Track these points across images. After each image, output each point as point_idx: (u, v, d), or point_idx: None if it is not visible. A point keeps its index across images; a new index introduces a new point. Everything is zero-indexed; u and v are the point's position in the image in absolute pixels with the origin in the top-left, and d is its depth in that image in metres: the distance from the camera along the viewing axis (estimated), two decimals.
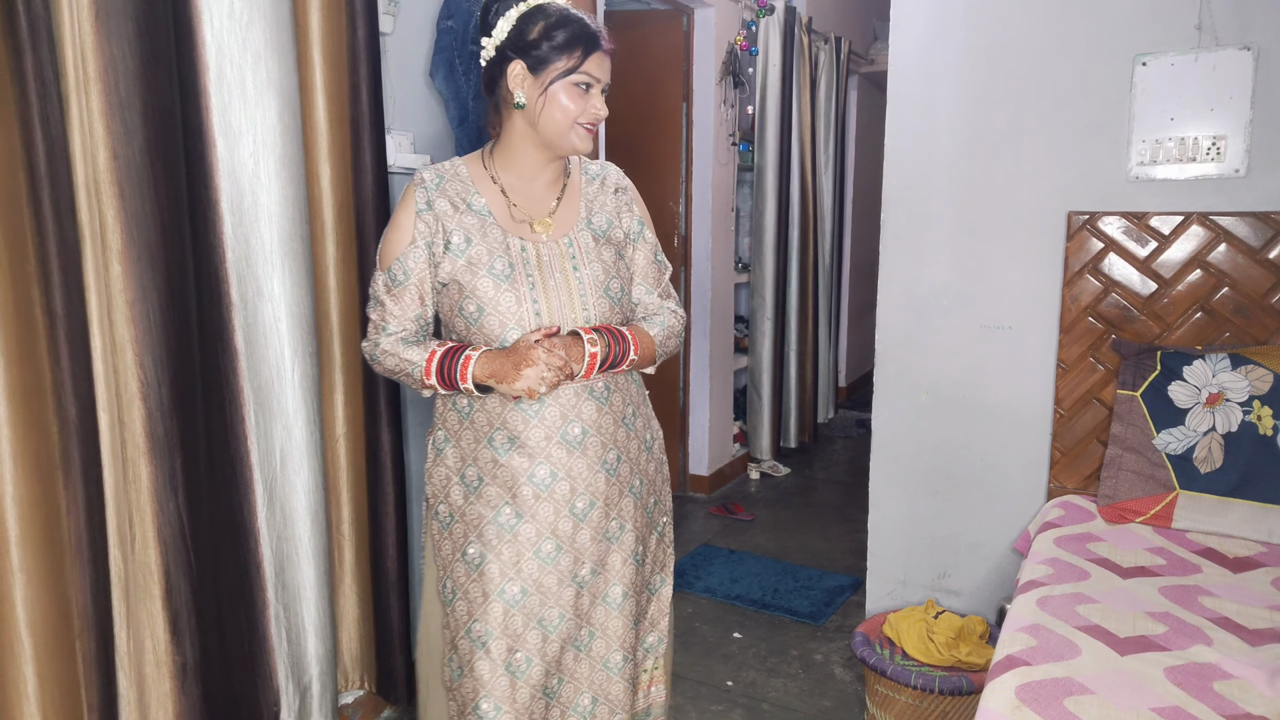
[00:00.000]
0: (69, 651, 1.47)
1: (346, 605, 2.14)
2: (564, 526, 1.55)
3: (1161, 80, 2.15)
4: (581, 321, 1.54)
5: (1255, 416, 1.99)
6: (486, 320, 1.51)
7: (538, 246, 1.55)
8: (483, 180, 1.58)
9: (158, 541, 1.63)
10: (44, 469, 1.42)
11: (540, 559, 1.55)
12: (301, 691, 1.96)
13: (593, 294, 1.55)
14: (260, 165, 1.75)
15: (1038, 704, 1.34)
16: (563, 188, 1.62)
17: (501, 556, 1.54)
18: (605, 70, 1.53)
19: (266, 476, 1.83)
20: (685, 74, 4.05)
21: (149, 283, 1.58)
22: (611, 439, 1.58)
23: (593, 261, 1.57)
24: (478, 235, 1.53)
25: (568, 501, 1.55)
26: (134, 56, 1.52)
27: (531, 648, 1.55)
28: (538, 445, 1.53)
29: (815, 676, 2.64)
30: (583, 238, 1.58)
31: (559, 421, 1.53)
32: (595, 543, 1.58)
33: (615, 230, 1.63)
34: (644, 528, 1.68)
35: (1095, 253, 2.24)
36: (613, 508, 1.59)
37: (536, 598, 1.55)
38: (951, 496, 2.52)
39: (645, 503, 1.68)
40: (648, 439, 1.70)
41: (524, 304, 1.51)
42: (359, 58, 1.96)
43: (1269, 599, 1.67)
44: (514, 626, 1.55)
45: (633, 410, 1.65)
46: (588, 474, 1.55)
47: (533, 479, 1.53)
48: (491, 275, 1.51)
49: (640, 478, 1.65)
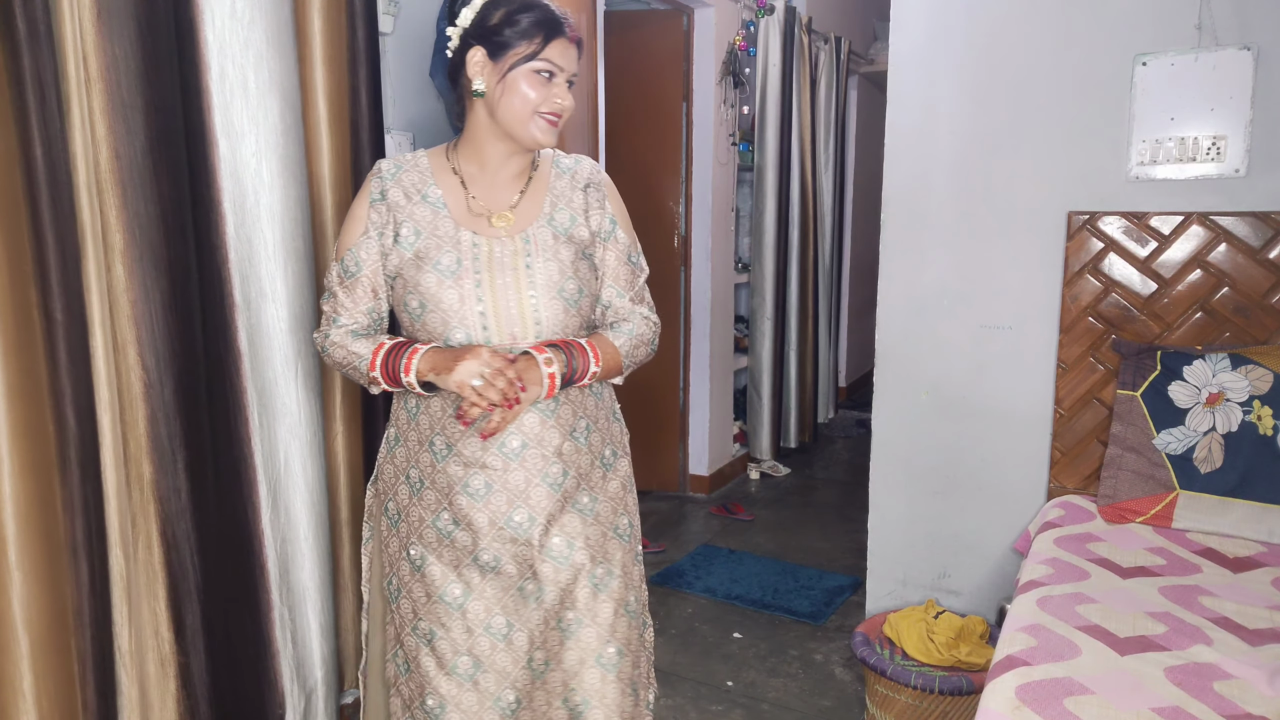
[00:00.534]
0: (65, 649, 1.47)
1: (347, 606, 2.14)
2: (500, 538, 1.49)
3: (1161, 80, 2.16)
4: (530, 323, 1.47)
5: (1255, 416, 1.99)
6: (429, 317, 1.46)
7: (491, 242, 1.48)
8: (442, 172, 1.54)
9: (161, 541, 1.64)
10: (41, 468, 1.42)
11: (479, 566, 1.50)
12: (307, 694, 1.96)
13: (544, 294, 1.47)
14: (263, 165, 1.75)
15: (1038, 704, 1.34)
16: (528, 181, 1.55)
17: (442, 559, 1.51)
18: (569, 59, 1.47)
19: (270, 477, 1.84)
20: (685, 74, 4.05)
21: (151, 283, 1.58)
22: (555, 453, 1.50)
23: (548, 260, 1.49)
24: (427, 228, 1.49)
25: (504, 514, 1.48)
26: (136, 56, 1.52)
27: (480, 654, 1.50)
28: (473, 455, 1.48)
29: (815, 676, 2.64)
30: (541, 234, 1.50)
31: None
32: (540, 561, 1.50)
33: (579, 228, 1.54)
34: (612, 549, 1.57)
35: (1095, 253, 2.24)
36: (554, 524, 1.51)
37: (480, 603, 1.50)
38: (951, 496, 2.52)
39: (610, 521, 1.58)
40: (607, 455, 1.59)
41: (468, 302, 1.45)
42: (359, 58, 1.96)
43: (1269, 599, 1.68)
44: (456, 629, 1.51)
45: (586, 424, 1.55)
46: (525, 487, 1.48)
47: (467, 488, 1.49)
48: (436, 270, 1.46)
49: (592, 495, 1.55)
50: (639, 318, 1.59)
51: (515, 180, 1.55)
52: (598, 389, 1.60)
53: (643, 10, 4.03)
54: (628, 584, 1.58)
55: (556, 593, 1.51)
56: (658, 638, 2.86)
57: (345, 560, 2.12)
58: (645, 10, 4.02)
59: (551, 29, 1.45)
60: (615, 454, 1.62)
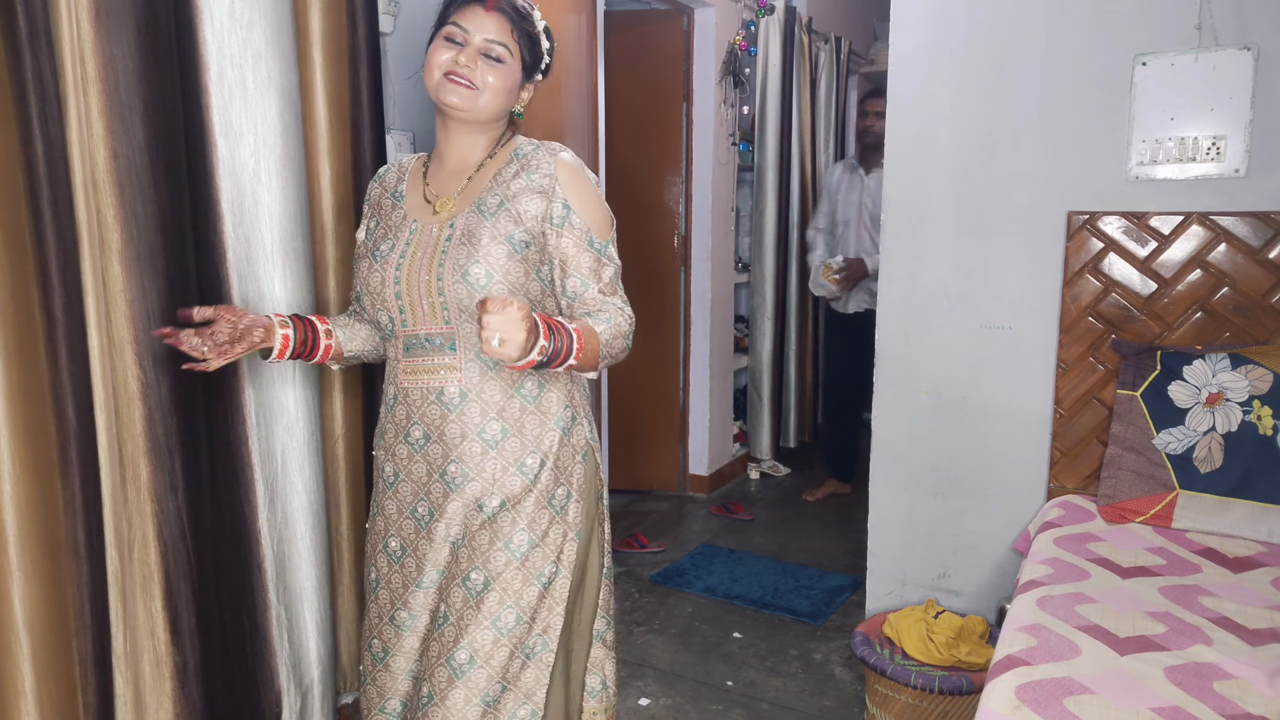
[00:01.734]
0: (66, 650, 1.47)
1: (346, 606, 2.14)
2: (407, 527, 1.55)
3: (1161, 80, 2.15)
4: (439, 309, 1.44)
5: (1255, 416, 1.99)
6: (364, 301, 1.54)
7: (423, 228, 1.50)
8: (417, 167, 1.60)
9: (158, 541, 1.63)
10: (42, 469, 1.42)
11: (389, 555, 1.58)
12: (303, 693, 1.96)
13: (450, 276, 1.42)
14: (261, 165, 1.75)
15: (1038, 704, 1.34)
16: (478, 169, 1.53)
17: (370, 542, 1.63)
18: (483, 26, 1.45)
19: (267, 476, 1.84)
20: (685, 74, 4.05)
21: (149, 282, 1.58)
22: (457, 451, 1.47)
23: (461, 244, 1.44)
24: (385, 219, 1.57)
25: (409, 504, 1.55)
26: (134, 56, 1.52)
27: (387, 639, 1.56)
28: (388, 443, 1.57)
29: (815, 676, 2.64)
30: (469, 219, 1.46)
31: (404, 421, 1.53)
32: (437, 550, 1.50)
33: (504, 212, 1.45)
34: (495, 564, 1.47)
35: (1095, 253, 2.24)
36: (453, 525, 1.49)
37: (386, 593, 1.58)
38: (951, 496, 2.52)
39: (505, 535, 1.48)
40: (528, 464, 1.49)
41: (387, 285, 1.49)
42: (360, 58, 1.96)
43: (1269, 599, 1.67)
44: (371, 615, 1.60)
45: (501, 428, 1.47)
46: (426, 480, 1.52)
47: (382, 474, 1.59)
48: (372, 256, 1.52)
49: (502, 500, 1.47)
50: (614, 309, 1.47)
51: (467, 168, 1.54)
52: (533, 392, 1.51)
53: (643, 10, 4.03)
54: (503, 600, 1.47)
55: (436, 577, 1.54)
56: (658, 637, 2.86)
57: (343, 560, 2.12)
58: (645, 10, 4.02)
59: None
60: (541, 463, 1.50)
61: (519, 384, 1.50)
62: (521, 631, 1.48)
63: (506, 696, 1.48)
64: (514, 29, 1.48)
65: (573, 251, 1.47)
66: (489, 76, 1.46)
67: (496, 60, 1.47)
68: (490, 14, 1.46)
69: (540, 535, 1.50)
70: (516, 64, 1.50)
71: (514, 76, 1.50)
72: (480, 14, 1.45)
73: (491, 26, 1.46)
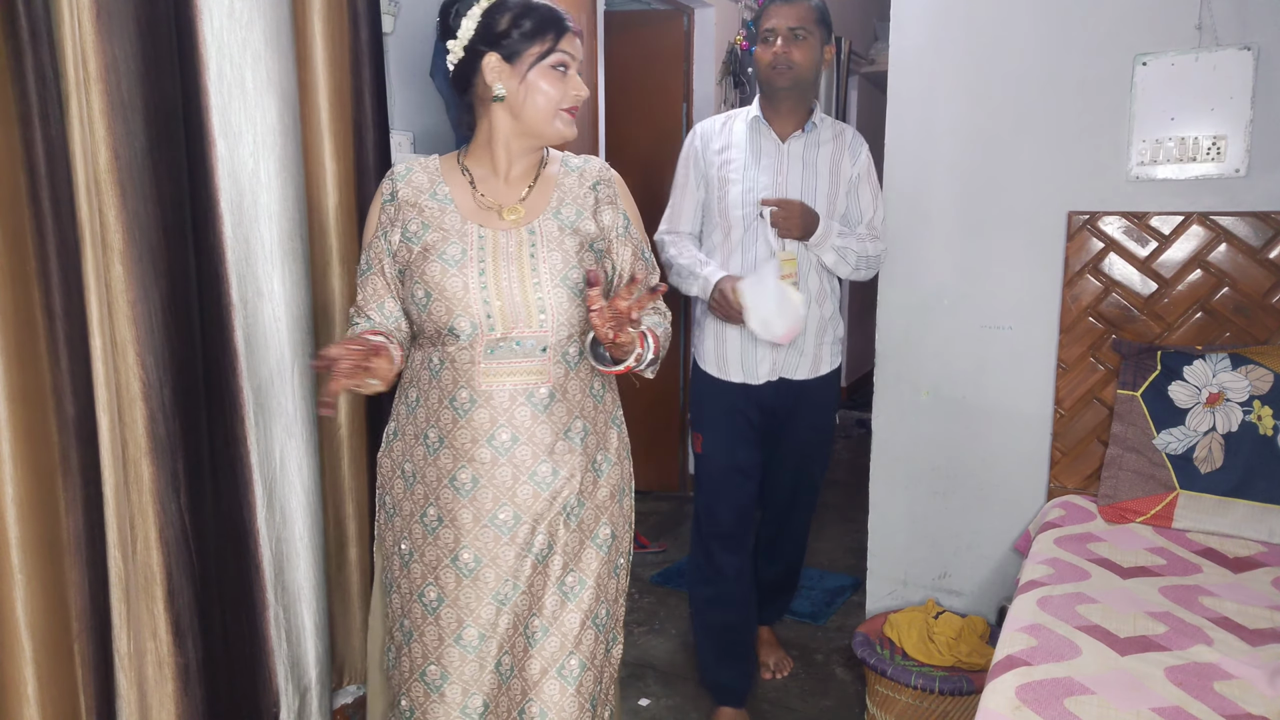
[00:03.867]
0: (68, 653, 1.47)
1: (346, 605, 2.14)
2: (484, 536, 1.47)
3: (1162, 80, 2.15)
4: (535, 312, 1.47)
5: (1255, 416, 1.99)
6: (434, 306, 1.46)
7: (497, 234, 1.50)
8: (452, 172, 1.56)
9: (160, 543, 1.64)
10: (44, 470, 1.42)
11: (458, 569, 1.47)
12: (301, 693, 1.96)
13: (549, 282, 1.48)
14: (260, 165, 1.75)
15: (1038, 704, 1.34)
16: (535, 178, 1.57)
17: (425, 558, 1.50)
18: (578, 49, 1.50)
19: (266, 477, 1.84)
20: (685, 74, 4.05)
21: (150, 283, 1.58)
22: (547, 451, 1.48)
23: (552, 249, 1.50)
24: (435, 221, 1.51)
25: (489, 511, 1.47)
26: (135, 57, 1.52)
27: (449, 664, 1.47)
28: (462, 447, 1.47)
29: (815, 676, 2.64)
30: (546, 226, 1.52)
31: (487, 424, 1.46)
32: (519, 559, 1.48)
33: (585, 222, 1.55)
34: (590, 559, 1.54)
35: (1095, 253, 2.24)
36: (541, 523, 1.49)
37: (452, 612, 1.47)
38: (951, 496, 2.52)
39: (590, 529, 1.55)
40: (598, 461, 1.56)
41: (471, 290, 1.45)
42: (362, 60, 1.96)
43: (1269, 599, 1.67)
44: (427, 639, 1.49)
45: (582, 426, 1.53)
46: (511, 484, 1.47)
47: (454, 482, 1.48)
48: (441, 260, 1.47)
49: (580, 498, 1.52)
50: (659, 314, 1.62)
51: (523, 179, 1.57)
52: (598, 391, 1.58)
53: (643, 10, 4.03)
54: (599, 596, 1.55)
55: (529, 598, 1.49)
56: (658, 638, 2.86)
57: (342, 560, 2.12)
58: (645, 10, 4.02)
59: (559, 24, 1.48)
60: (609, 461, 1.59)
61: (589, 383, 1.56)
62: (610, 625, 1.58)
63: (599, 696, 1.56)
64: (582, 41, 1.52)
65: (630, 260, 1.60)
66: (584, 95, 1.51)
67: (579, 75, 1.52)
68: (576, 37, 1.50)
69: (614, 530, 1.58)
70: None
71: None
72: (573, 38, 1.49)
73: (580, 46, 1.50)
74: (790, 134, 2.28)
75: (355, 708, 2.25)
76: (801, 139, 2.28)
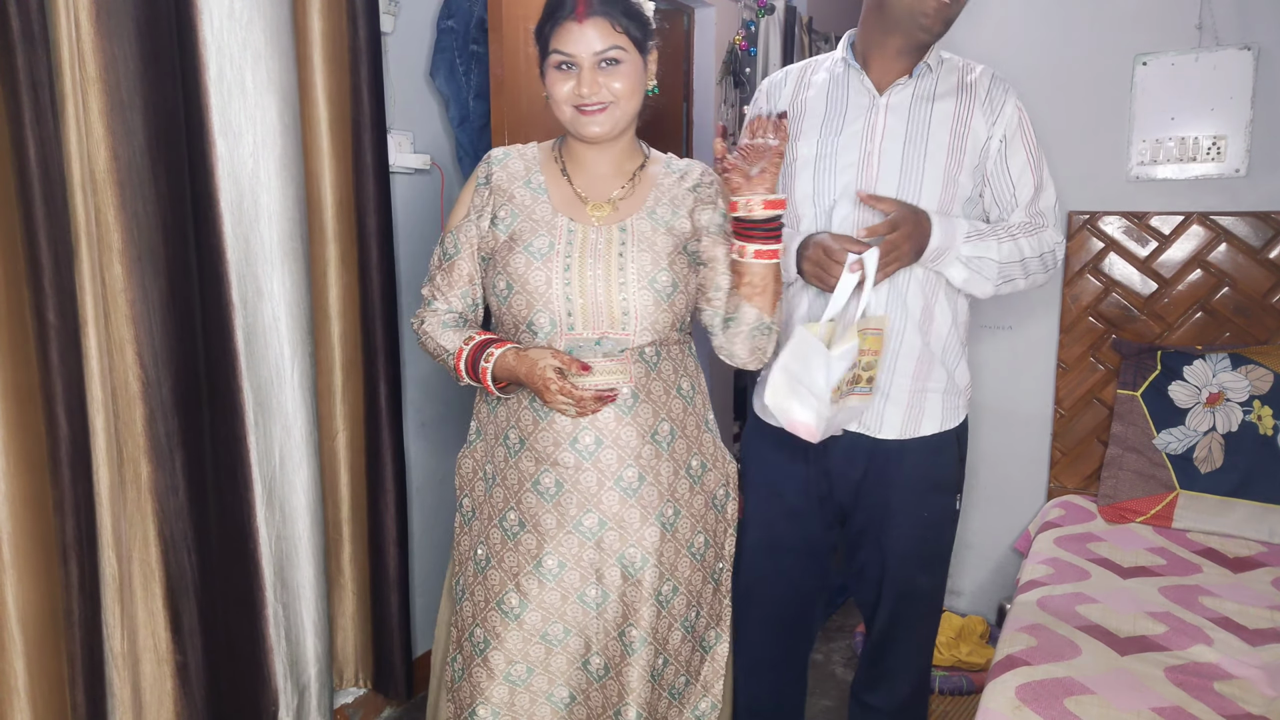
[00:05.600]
0: (59, 649, 1.47)
1: (345, 604, 2.14)
2: (568, 543, 1.41)
3: (1162, 80, 2.15)
4: (619, 313, 1.41)
5: (1255, 416, 1.99)
6: (514, 299, 1.41)
7: (587, 229, 1.43)
8: (548, 162, 1.50)
9: (159, 540, 1.64)
10: (34, 467, 1.42)
11: (540, 575, 1.42)
12: (300, 691, 1.96)
13: (635, 283, 1.41)
14: (260, 165, 1.75)
15: (1038, 704, 1.34)
16: (632, 178, 1.50)
17: (504, 564, 1.44)
18: (581, 42, 1.35)
19: (265, 476, 1.84)
20: (685, 74, 4.05)
21: (150, 283, 1.58)
22: (633, 455, 1.42)
23: (642, 250, 1.43)
24: (525, 211, 1.44)
25: (573, 517, 1.41)
26: (134, 56, 1.52)
27: (534, 660, 1.44)
28: (545, 450, 1.41)
29: (815, 676, 2.64)
30: (639, 225, 1.45)
31: (570, 427, 1.40)
32: (607, 568, 1.42)
33: (681, 221, 1.48)
34: (684, 569, 1.48)
35: (1096, 253, 2.24)
36: (631, 534, 1.42)
37: (538, 614, 1.42)
38: None
39: (686, 540, 1.48)
40: (694, 466, 1.49)
41: (554, 285, 1.39)
42: (360, 59, 1.96)
43: (1269, 599, 1.67)
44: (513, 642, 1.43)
45: (670, 428, 1.46)
46: (597, 489, 1.41)
47: (537, 486, 1.42)
48: (527, 252, 1.41)
49: (676, 508, 1.46)
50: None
51: (619, 175, 1.50)
52: (689, 392, 1.53)
53: None
54: (690, 602, 1.50)
55: (620, 606, 1.44)
56: None
57: (342, 559, 2.12)
58: None
59: (553, 17, 1.38)
60: (704, 465, 1.52)
61: (675, 384, 1.50)
62: (702, 627, 1.54)
63: (690, 690, 1.53)
64: (614, 23, 1.37)
65: (723, 260, 1.50)
66: (615, 84, 1.39)
67: (614, 63, 1.38)
68: (585, 24, 1.36)
69: (711, 535, 1.52)
70: (633, 50, 1.40)
71: (637, 64, 1.41)
72: (576, 30, 1.36)
73: (594, 37, 1.36)
74: (891, 83, 1.59)
75: (355, 707, 2.25)
76: (907, 88, 1.59)
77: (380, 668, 2.21)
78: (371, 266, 2.04)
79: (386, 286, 2.06)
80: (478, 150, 2.44)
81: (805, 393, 1.45)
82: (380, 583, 2.17)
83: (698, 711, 1.54)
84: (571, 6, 1.35)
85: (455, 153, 2.47)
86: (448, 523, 2.55)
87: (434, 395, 2.47)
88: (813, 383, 1.44)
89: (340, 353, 2.05)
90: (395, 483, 2.13)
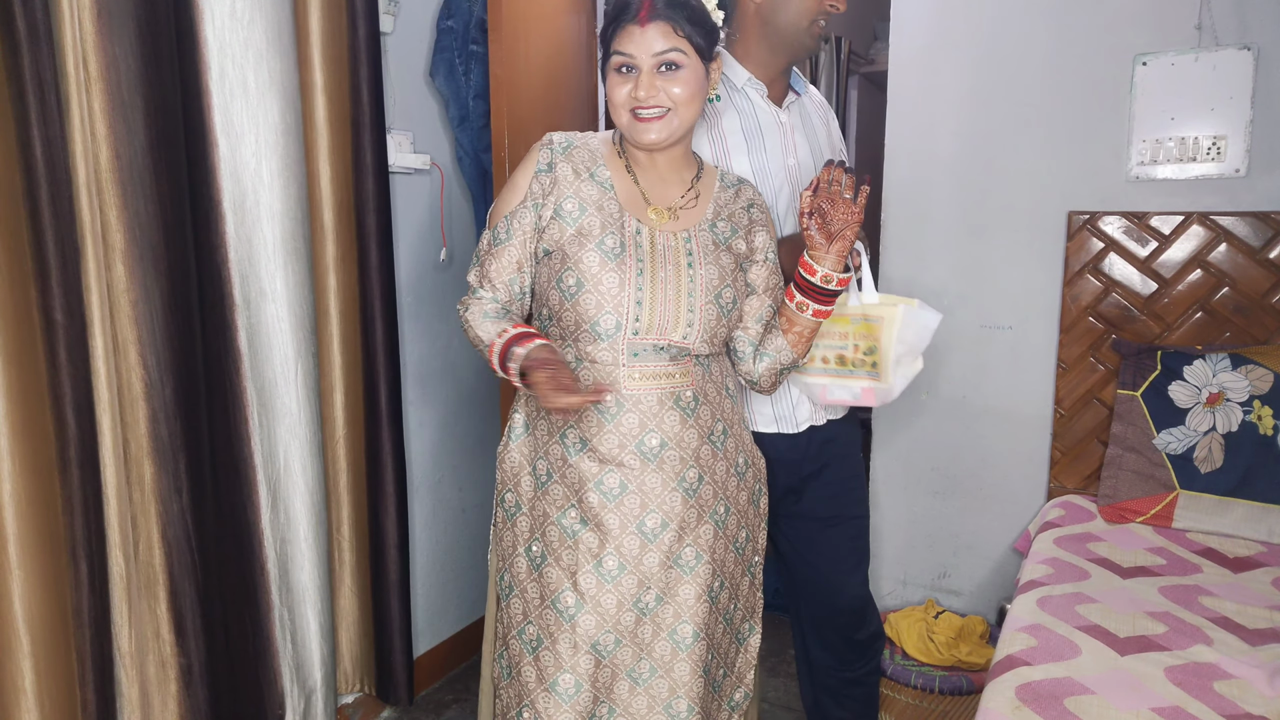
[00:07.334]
0: (66, 649, 1.48)
1: (346, 606, 2.14)
2: (630, 544, 1.41)
3: (1161, 80, 2.15)
4: (684, 324, 1.41)
5: (1255, 416, 1.99)
6: (584, 298, 1.38)
7: (654, 233, 1.42)
8: (612, 156, 1.48)
9: (162, 542, 1.64)
10: (42, 468, 1.42)
11: (600, 574, 1.41)
12: (306, 695, 1.96)
13: (702, 296, 1.42)
14: (262, 165, 1.75)
15: (1038, 704, 1.34)
16: (690, 187, 1.50)
17: (561, 562, 1.43)
18: (642, 44, 1.35)
19: (270, 477, 1.84)
20: None
21: (152, 283, 1.58)
22: (694, 456, 1.44)
23: (709, 263, 1.44)
24: (593, 206, 1.41)
25: (636, 517, 1.41)
26: (136, 56, 1.52)
27: (582, 672, 1.42)
28: (609, 452, 1.41)
29: None
30: (703, 237, 1.45)
31: (636, 429, 1.41)
32: (664, 569, 1.43)
33: (738, 241, 1.50)
34: (730, 564, 1.52)
35: (1095, 252, 2.24)
36: (688, 533, 1.44)
37: (592, 618, 1.42)
38: (951, 496, 2.52)
39: (733, 536, 1.52)
40: (740, 464, 1.54)
41: (626, 289, 1.38)
42: (360, 58, 1.96)
43: (1269, 599, 1.68)
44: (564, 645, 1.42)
45: (723, 428, 1.50)
46: (661, 490, 1.41)
47: (600, 486, 1.41)
48: (600, 250, 1.39)
49: (726, 505, 1.50)
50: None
51: (678, 182, 1.50)
52: (734, 391, 1.56)
53: None
54: (731, 596, 1.54)
55: (674, 609, 1.44)
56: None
57: (345, 561, 2.12)
58: None
59: (618, 19, 1.37)
60: (747, 463, 1.56)
61: (724, 384, 1.54)
62: (738, 619, 1.59)
63: (726, 681, 1.58)
64: (677, 27, 1.36)
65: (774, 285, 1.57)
66: (674, 89, 1.38)
67: (675, 68, 1.38)
68: (648, 27, 1.35)
69: (751, 530, 1.59)
70: (695, 57, 1.39)
71: (698, 71, 1.40)
72: (638, 32, 1.35)
73: (655, 38, 1.35)
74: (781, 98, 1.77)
75: (355, 708, 2.26)
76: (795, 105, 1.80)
77: (382, 671, 2.21)
78: (371, 267, 2.04)
79: (386, 286, 2.06)
80: (477, 150, 2.44)
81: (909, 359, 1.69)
82: (381, 585, 2.17)
83: (732, 702, 1.60)
84: (636, 9, 1.36)
85: (455, 153, 2.47)
86: (447, 523, 2.55)
87: (434, 396, 2.47)
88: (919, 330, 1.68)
89: (341, 353, 2.05)
90: (395, 485, 2.14)
